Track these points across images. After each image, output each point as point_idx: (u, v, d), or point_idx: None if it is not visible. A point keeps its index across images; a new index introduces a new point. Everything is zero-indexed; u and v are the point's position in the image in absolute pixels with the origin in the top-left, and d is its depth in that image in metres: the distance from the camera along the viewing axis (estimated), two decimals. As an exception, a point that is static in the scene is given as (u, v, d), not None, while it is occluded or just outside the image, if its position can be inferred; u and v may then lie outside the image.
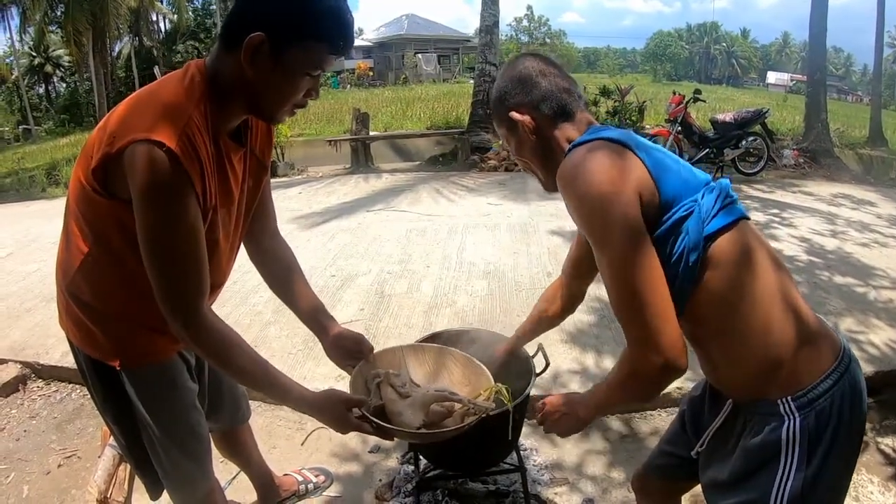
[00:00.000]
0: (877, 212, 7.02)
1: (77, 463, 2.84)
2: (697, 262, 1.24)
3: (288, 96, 1.38)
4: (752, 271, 1.27)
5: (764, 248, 1.32)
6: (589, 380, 3.20)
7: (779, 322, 1.27)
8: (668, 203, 1.25)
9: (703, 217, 1.25)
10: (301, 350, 3.54)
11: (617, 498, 2.54)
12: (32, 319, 4.13)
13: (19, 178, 10.50)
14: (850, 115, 19.50)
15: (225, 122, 1.42)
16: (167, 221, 1.29)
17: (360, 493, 2.59)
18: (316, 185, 8.95)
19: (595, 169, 1.22)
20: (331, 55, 1.35)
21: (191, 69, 1.38)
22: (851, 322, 3.85)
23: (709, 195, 1.28)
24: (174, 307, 1.37)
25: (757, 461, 1.32)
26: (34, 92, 38.31)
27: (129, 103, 1.35)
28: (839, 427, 1.26)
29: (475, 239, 5.77)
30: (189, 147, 1.27)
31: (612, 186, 1.20)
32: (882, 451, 2.84)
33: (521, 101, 1.43)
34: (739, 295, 1.26)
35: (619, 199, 1.20)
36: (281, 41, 1.29)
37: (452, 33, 45.96)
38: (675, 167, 1.31)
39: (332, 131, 13.07)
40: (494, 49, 11.74)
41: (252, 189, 1.63)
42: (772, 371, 1.28)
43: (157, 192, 1.26)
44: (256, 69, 1.31)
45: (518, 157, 1.51)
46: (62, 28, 24.40)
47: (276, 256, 1.84)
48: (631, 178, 1.22)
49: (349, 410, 1.51)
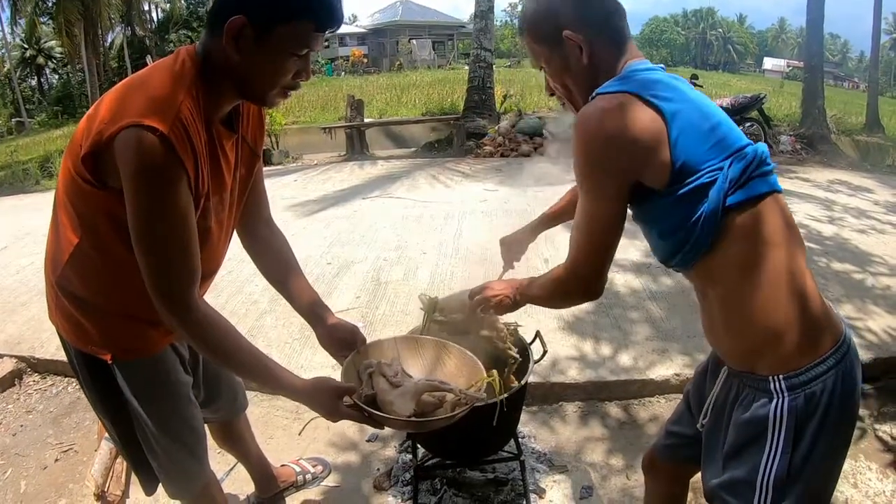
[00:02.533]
0: (874, 198, 7.02)
1: (74, 457, 2.83)
2: (713, 230, 1.24)
3: (276, 78, 1.35)
4: (768, 248, 1.25)
5: (787, 225, 1.29)
6: (587, 366, 3.19)
7: (784, 302, 1.25)
8: (686, 166, 1.23)
9: (726, 188, 1.22)
10: (297, 339, 3.53)
11: (616, 485, 2.54)
12: (27, 313, 4.11)
13: (13, 171, 10.42)
14: (846, 102, 19.51)
15: (217, 108, 1.40)
16: (159, 207, 1.27)
17: (359, 482, 2.58)
18: (311, 173, 8.91)
19: (598, 129, 1.24)
20: (317, 33, 1.32)
21: (181, 55, 1.36)
22: (850, 309, 3.84)
23: (737, 164, 1.24)
24: (164, 294, 1.35)
25: (744, 437, 1.33)
26: (27, 84, 38.07)
27: (120, 90, 1.32)
28: (828, 413, 1.25)
29: (472, 225, 5.76)
30: (182, 132, 1.25)
31: (605, 152, 1.25)
32: (880, 438, 2.84)
33: (577, 20, 1.33)
34: (751, 268, 1.25)
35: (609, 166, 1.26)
36: (262, 22, 1.26)
37: (447, 19, 45.79)
38: (706, 126, 1.26)
39: (327, 118, 13.03)
40: (489, 35, 11.69)
41: (244, 177, 1.61)
42: (768, 347, 1.28)
43: (149, 178, 1.24)
44: (241, 52, 1.29)
45: (555, 80, 1.43)
46: (54, 19, 24.27)
47: (269, 245, 1.82)
48: (634, 148, 1.23)
49: (340, 399, 1.49)
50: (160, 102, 1.24)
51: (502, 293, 1.71)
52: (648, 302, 3.94)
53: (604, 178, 1.27)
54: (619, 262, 4.59)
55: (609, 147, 1.23)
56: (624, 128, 1.22)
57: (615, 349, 3.36)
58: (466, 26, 40.29)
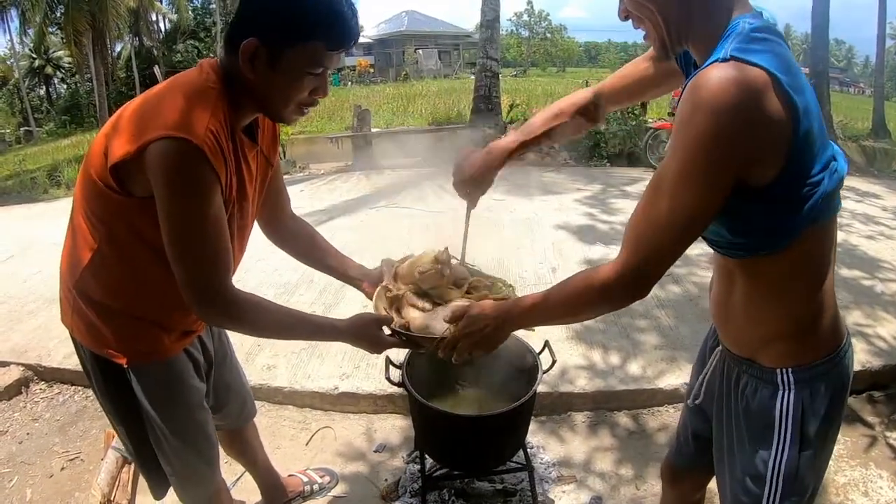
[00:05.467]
0: (882, 204, 6.98)
1: (80, 465, 2.82)
2: (787, 241, 1.15)
3: (292, 97, 1.39)
4: (819, 257, 1.22)
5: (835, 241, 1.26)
6: (596, 375, 3.17)
7: (812, 300, 1.24)
8: (793, 172, 1.08)
9: (819, 205, 1.11)
10: (304, 349, 3.51)
11: (625, 495, 2.52)
12: (34, 322, 4.11)
13: (21, 181, 10.45)
14: (852, 107, 19.45)
15: (240, 120, 1.44)
16: (195, 215, 1.32)
17: (366, 492, 2.56)
18: (318, 183, 8.91)
19: (736, 106, 1.01)
20: (330, 52, 1.34)
21: (205, 68, 1.39)
22: (859, 315, 3.81)
23: (831, 179, 1.12)
24: (202, 291, 1.40)
25: (751, 429, 1.32)
26: (35, 94, 38.29)
27: (149, 100, 1.35)
28: (829, 409, 1.26)
29: (478, 234, 5.73)
30: (214, 143, 1.29)
31: (735, 136, 1.03)
32: (891, 446, 2.81)
33: None
34: (798, 272, 1.21)
35: (732, 153, 1.04)
36: (275, 45, 1.30)
37: (453, 29, 45.88)
38: (817, 126, 1.10)
39: (334, 128, 13.01)
40: (495, 44, 11.72)
41: (260, 187, 1.64)
42: (781, 339, 1.27)
43: (184, 187, 1.28)
44: (256, 73, 1.33)
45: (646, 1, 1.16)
46: (62, 29, 24.38)
47: (298, 232, 1.92)
48: (762, 143, 1.04)
49: (380, 329, 1.63)
50: (192, 114, 1.28)
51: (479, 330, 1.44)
52: (657, 310, 3.92)
53: (720, 164, 1.06)
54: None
55: (742, 131, 1.03)
56: (763, 115, 1.02)
57: (624, 358, 3.34)
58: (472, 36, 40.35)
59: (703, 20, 1.14)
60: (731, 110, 1.01)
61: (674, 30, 1.16)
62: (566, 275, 1.37)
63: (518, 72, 43.46)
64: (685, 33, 1.17)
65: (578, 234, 5.65)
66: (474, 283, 1.85)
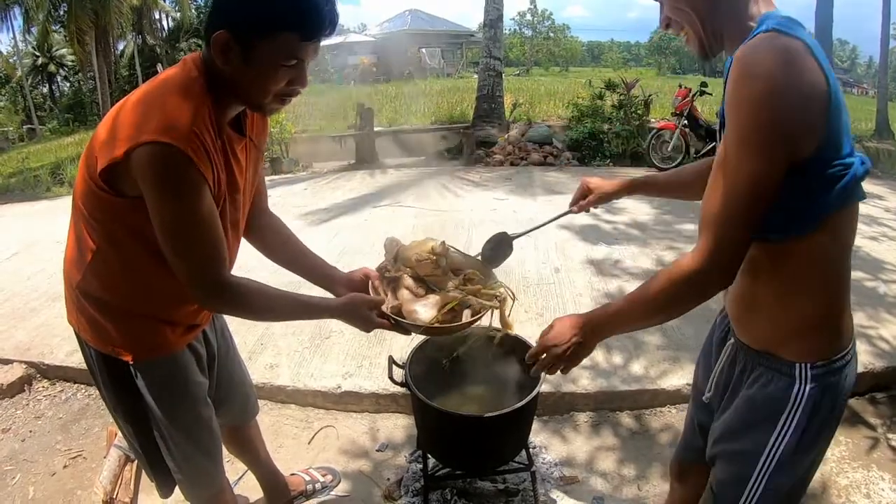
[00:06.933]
0: (885, 205, 6.95)
1: (83, 463, 2.82)
2: (816, 223, 1.17)
3: (268, 88, 1.37)
4: (843, 247, 1.25)
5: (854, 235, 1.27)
6: (599, 376, 3.17)
7: (834, 297, 1.27)
8: (827, 149, 1.11)
9: (851, 186, 1.14)
10: (307, 348, 3.52)
11: (628, 495, 2.51)
12: (37, 319, 4.12)
13: (24, 178, 10.45)
14: (855, 108, 19.36)
15: (225, 114, 1.44)
16: (186, 214, 1.32)
17: (368, 492, 2.56)
18: (321, 181, 8.91)
19: (792, 77, 1.05)
20: (304, 43, 1.32)
21: (188, 64, 1.39)
22: (862, 317, 3.80)
23: (858, 164, 1.15)
24: (201, 285, 1.42)
25: (758, 414, 1.34)
26: (38, 91, 38.31)
27: (134, 103, 1.34)
28: (835, 406, 1.30)
29: (482, 234, 5.71)
30: (199, 144, 1.28)
31: (794, 107, 1.06)
32: (893, 448, 2.81)
33: None
34: (822, 262, 1.23)
35: (781, 116, 1.06)
36: (246, 37, 1.28)
37: (456, 28, 45.80)
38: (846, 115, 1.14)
39: (337, 127, 13.00)
40: (498, 43, 11.71)
41: (252, 176, 1.65)
42: (802, 335, 1.28)
43: (174, 190, 1.29)
44: (231, 65, 1.32)
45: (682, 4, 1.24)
46: (65, 27, 24.45)
47: (272, 229, 1.91)
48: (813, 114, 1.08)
49: (373, 310, 1.65)
50: (175, 116, 1.27)
51: (566, 342, 1.40)
52: (659, 310, 3.89)
53: (782, 135, 1.07)
54: (629, 270, 4.58)
55: (790, 92, 1.05)
56: (806, 79, 1.06)
57: (627, 358, 3.34)
58: (475, 35, 40.29)
59: (735, 16, 1.21)
60: (779, 72, 1.05)
61: (709, 28, 1.23)
62: (569, 275, 1.38)
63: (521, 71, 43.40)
64: (719, 30, 1.24)
65: (581, 233, 5.64)
66: (470, 276, 1.86)
